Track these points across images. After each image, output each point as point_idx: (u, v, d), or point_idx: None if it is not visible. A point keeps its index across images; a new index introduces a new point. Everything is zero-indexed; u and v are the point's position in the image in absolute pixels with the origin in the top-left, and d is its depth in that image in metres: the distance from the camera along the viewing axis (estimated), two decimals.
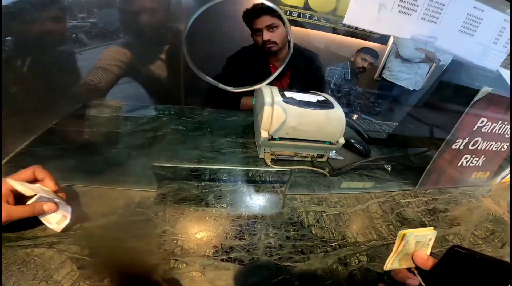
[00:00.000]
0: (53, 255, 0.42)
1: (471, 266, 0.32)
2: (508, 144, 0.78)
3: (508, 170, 0.86)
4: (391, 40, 1.99)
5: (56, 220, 0.46)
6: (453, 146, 0.71)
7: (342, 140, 0.68)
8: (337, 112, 0.66)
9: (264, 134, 0.64)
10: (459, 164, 0.77)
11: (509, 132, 0.75)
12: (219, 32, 1.66)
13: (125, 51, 0.99)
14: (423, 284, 0.35)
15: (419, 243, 0.38)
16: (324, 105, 0.67)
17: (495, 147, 0.78)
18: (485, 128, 0.71)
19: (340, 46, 1.89)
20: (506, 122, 0.72)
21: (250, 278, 0.44)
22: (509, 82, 0.68)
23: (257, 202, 0.61)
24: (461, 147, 0.72)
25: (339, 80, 1.65)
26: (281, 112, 0.63)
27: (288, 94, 0.69)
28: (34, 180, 0.46)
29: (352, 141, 0.78)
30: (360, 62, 1.67)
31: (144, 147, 0.71)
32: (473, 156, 0.76)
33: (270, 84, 0.65)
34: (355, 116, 1.05)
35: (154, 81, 1.13)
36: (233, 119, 0.89)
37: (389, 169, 0.80)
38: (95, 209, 0.52)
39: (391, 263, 0.38)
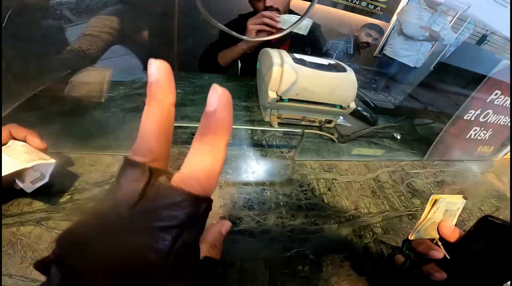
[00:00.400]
0: (41, 233, 0.37)
1: (504, 239, 0.29)
2: None
3: (508, 148, 0.86)
4: (394, 18, 1.95)
5: (31, 178, 0.38)
6: (465, 117, 0.69)
7: (353, 105, 0.64)
8: (350, 76, 0.62)
9: (272, 94, 0.59)
10: (467, 137, 0.75)
11: None
12: (216, 3, 1.57)
13: (116, 19, 0.91)
14: (447, 256, 0.32)
15: (447, 212, 0.35)
16: (336, 68, 0.63)
17: (503, 121, 0.77)
18: (498, 101, 0.70)
19: (340, 22, 1.83)
20: None
21: (261, 252, 0.40)
22: None
23: (264, 167, 0.57)
24: (473, 118, 0.71)
25: (341, 54, 1.61)
26: (291, 72, 0.58)
27: (298, 56, 0.64)
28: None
29: (360, 108, 0.75)
30: (365, 37, 1.63)
31: (139, 110, 0.65)
32: (482, 128, 0.75)
33: None
34: None
35: (147, 49, 1.05)
36: (234, 83, 0.83)
37: (399, 137, 0.77)
38: (86, 178, 0.47)
39: (417, 232, 0.35)
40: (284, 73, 0.58)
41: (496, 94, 0.67)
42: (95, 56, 0.86)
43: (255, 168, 0.56)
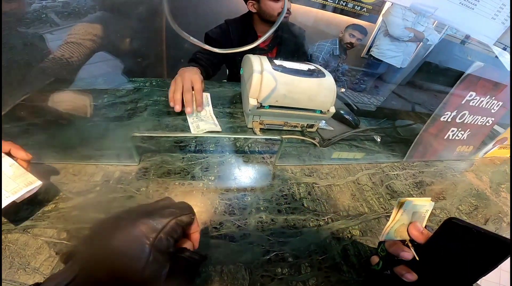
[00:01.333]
0: (28, 240, 0.39)
1: (467, 240, 0.30)
2: (493, 119, 0.80)
3: (491, 145, 0.88)
4: (380, 19, 1.98)
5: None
6: (442, 119, 0.71)
7: (333, 109, 0.66)
8: (329, 81, 0.64)
9: (253, 101, 0.60)
10: (445, 137, 0.77)
11: (495, 107, 0.76)
12: (203, 6, 1.58)
13: (99, 25, 0.90)
14: (416, 257, 0.34)
15: (415, 214, 0.36)
16: (315, 73, 0.64)
17: (481, 122, 0.79)
18: (473, 102, 0.71)
19: (328, 23, 1.85)
20: (493, 97, 0.72)
21: (242, 256, 0.42)
22: (504, 63, 0.68)
23: (246, 173, 0.58)
24: (449, 119, 0.73)
25: (327, 55, 1.63)
26: (270, 79, 0.59)
27: (278, 62, 0.65)
28: None
29: (342, 112, 0.77)
30: (348, 38, 1.64)
31: (123, 119, 0.66)
32: (459, 129, 0.77)
33: None
34: (342, 89, 1.04)
35: (135, 55, 1.05)
36: (219, 89, 0.84)
37: (379, 140, 0.79)
38: (70, 187, 0.48)
39: (387, 233, 0.36)
40: (263, 80, 0.59)
41: (471, 95, 0.69)
42: (78, 64, 0.85)
43: (237, 174, 0.57)
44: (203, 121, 0.65)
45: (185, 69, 0.82)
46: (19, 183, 0.38)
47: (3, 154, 0.39)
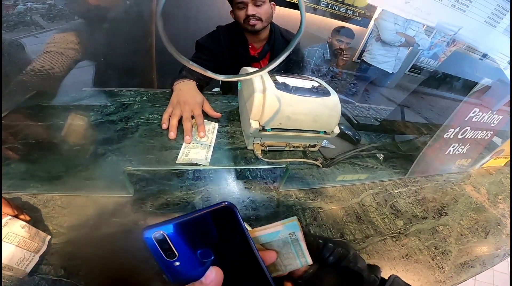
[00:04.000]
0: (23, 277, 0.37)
1: None
2: (492, 132, 0.80)
3: (488, 157, 0.89)
4: (371, 23, 1.97)
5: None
6: (445, 136, 0.70)
7: (337, 130, 0.64)
8: (334, 100, 0.61)
9: (254, 124, 0.57)
10: (446, 153, 0.77)
11: (495, 121, 0.75)
12: (194, 10, 1.52)
13: (81, 33, 0.84)
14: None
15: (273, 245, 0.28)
16: (320, 92, 0.61)
17: (480, 136, 0.79)
18: (476, 118, 0.71)
19: (319, 27, 1.83)
20: (495, 112, 0.72)
21: None
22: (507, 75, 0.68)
23: (250, 202, 0.55)
24: (451, 136, 0.72)
25: (319, 60, 1.60)
26: (274, 100, 0.56)
27: (280, 79, 0.62)
28: None
29: (342, 127, 0.74)
30: (337, 44, 1.61)
31: (113, 142, 0.60)
32: (460, 144, 0.77)
33: (249, 66, 0.57)
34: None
35: (120, 65, 0.99)
36: (215, 104, 0.79)
37: (381, 158, 0.78)
38: (60, 221, 0.44)
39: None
40: (266, 101, 0.55)
41: (475, 111, 0.69)
42: (60, 75, 0.79)
43: (240, 203, 0.54)
44: (196, 149, 0.61)
45: (182, 87, 0.77)
46: (38, 242, 0.39)
47: (13, 218, 0.38)
